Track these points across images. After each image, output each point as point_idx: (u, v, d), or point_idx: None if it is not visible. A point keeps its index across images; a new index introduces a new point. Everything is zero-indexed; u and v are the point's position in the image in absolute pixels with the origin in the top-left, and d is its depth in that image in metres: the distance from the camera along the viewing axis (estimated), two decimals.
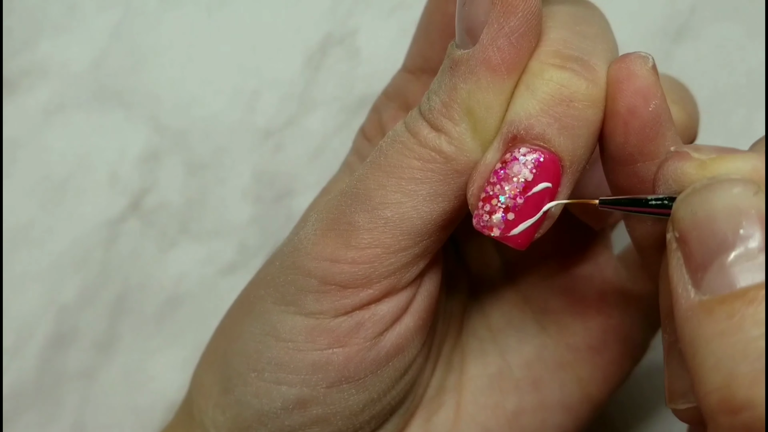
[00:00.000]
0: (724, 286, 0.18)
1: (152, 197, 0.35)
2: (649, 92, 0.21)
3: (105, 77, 0.34)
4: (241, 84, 0.35)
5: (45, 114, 0.34)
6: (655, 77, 0.21)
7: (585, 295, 0.28)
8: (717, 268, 0.19)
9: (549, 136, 0.21)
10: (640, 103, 0.21)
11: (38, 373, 0.34)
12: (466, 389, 0.27)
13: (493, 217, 0.21)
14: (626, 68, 0.21)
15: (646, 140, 0.22)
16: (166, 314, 0.35)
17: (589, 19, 0.23)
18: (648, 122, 0.21)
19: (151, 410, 0.35)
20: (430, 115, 0.22)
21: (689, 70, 0.36)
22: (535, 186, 0.21)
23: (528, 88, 0.21)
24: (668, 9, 0.36)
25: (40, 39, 0.34)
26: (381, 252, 0.22)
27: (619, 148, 0.22)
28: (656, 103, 0.21)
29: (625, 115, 0.21)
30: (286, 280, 0.23)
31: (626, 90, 0.21)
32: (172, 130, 0.35)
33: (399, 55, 0.35)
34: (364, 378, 0.24)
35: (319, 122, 0.35)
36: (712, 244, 0.19)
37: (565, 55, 0.21)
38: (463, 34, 0.22)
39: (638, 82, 0.21)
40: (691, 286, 0.19)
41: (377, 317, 0.23)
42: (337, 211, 0.23)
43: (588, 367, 0.27)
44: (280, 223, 0.35)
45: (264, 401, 0.24)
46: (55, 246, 0.34)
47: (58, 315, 0.34)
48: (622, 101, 0.21)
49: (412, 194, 0.22)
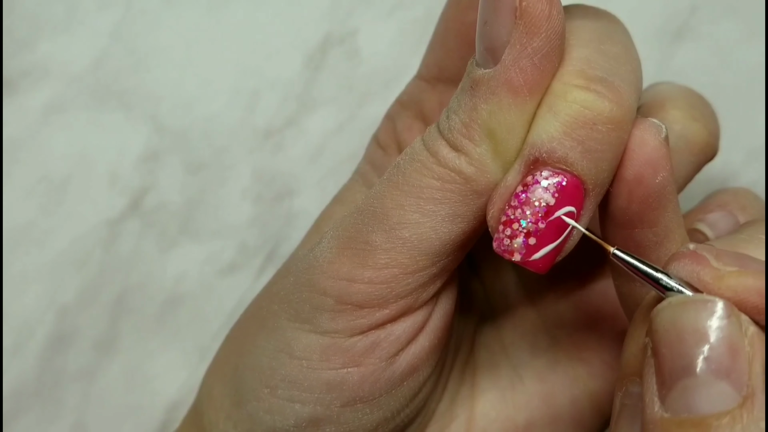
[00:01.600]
0: (683, 409, 0.18)
1: (152, 197, 0.35)
2: (659, 164, 0.21)
3: (105, 77, 0.34)
4: (241, 84, 0.35)
5: (45, 114, 0.34)
6: (666, 149, 0.21)
7: (599, 310, 0.28)
8: (680, 389, 0.19)
9: (572, 159, 0.20)
10: (648, 174, 0.21)
11: (38, 372, 0.34)
12: (478, 402, 0.27)
13: (514, 241, 0.21)
14: (639, 136, 0.21)
15: (648, 209, 0.21)
16: (166, 314, 0.35)
17: (613, 36, 0.23)
18: (653, 193, 0.21)
19: (151, 410, 0.35)
20: (449, 134, 0.21)
21: (689, 69, 0.36)
22: (557, 210, 0.21)
23: (551, 109, 0.21)
24: (668, 8, 0.36)
25: (40, 39, 0.34)
26: (398, 272, 0.22)
27: (620, 211, 0.22)
28: (664, 175, 0.21)
29: (631, 183, 0.21)
30: (300, 298, 0.23)
31: (636, 159, 0.21)
32: (172, 130, 0.35)
33: (399, 55, 0.35)
34: (379, 398, 0.23)
35: (319, 122, 0.35)
36: (678, 365, 0.19)
37: (588, 75, 0.21)
38: (484, 53, 0.21)
39: (649, 153, 0.21)
40: (657, 398, 0.19)
41: (393, 337, 0.23)
42: (354, 229, 0.22)
43: (600, 381, 0.27)
44: (280, 223, 0.35)
45: (277, 418, 0.23)
46: (55, 246, 0.34)
47: (58, 315, 0.34)
48: (630, 169, 0.21)
49: (430, 214, 0.22)
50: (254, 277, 0.35)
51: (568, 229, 0.21)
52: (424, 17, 0.35)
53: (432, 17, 0.35)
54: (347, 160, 0.35)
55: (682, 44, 0.36)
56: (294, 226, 0.35)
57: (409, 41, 0.35)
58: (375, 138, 0.28)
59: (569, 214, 0.21)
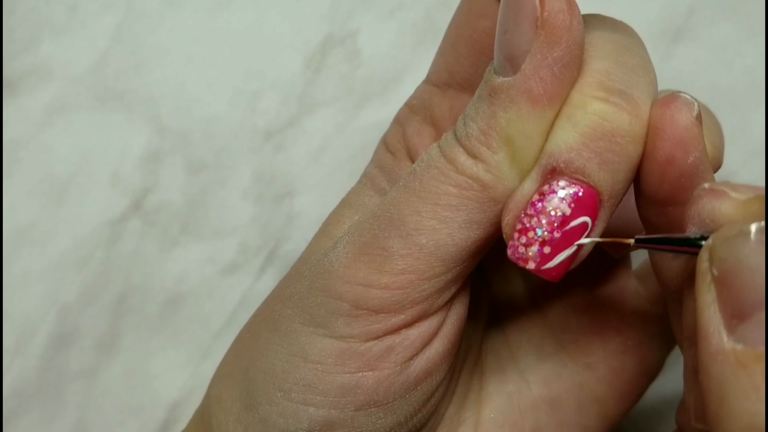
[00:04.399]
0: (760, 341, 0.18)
1: (153, 197, 0.35)
2: (691, 144, 0.21)
3: (106, 78, 0.34)
4: (241, 85, 0.35)
5: (46, 115, 0.34)
6: (698, 129, 0.21)
7: (605, 315, 0.28)
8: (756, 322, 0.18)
9: (589, 170, 0.21)
10: (680, 155, 0.21)
11: (40, 372, 0.34)
12: (485, 407, 0.27)
13: (529, 249, 0.21)
14: (670, 115, 0.21)
15: (681, 189, 0.21)
16: (167, 314, 0.35)
17: (631, 48, 0.22)
18: (685, 173, 0.21)
19: (152, 409, 0.35)
20: (467, 141, 0.21)
21: (688, 71, 0.36)
22: (573, 220, 0.21)
23: (570, 120, 0.21)
24: (667, 10, 0.36)
25: (41, 40, 0.34)
26: (415, 278, 0.22)
27: (653, 190, 0.22)
28: (696, 155, 0.21)
29: (663, 164, 0.21)
30: (315, 302, 0.23)
31: (667, 139, 0.21)
32: (173, 130, 0.35)
33: (399, 56, 0.35)
34: (393, 402, 0.23)
35: (319, 123, 0.35)
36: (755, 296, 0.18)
37: (608, 87, 0.21)
38: (503, 62, 0.21)
39: (680, 133, 0.21)
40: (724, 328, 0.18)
41: (408, 341, 0.23)
42: (370, 235, 0.23)
43: (605, 386, 0.27)
44: (281, 223, 0.35)
45: (290, 421, 0.23)
46: (56, 246, 0.34)
47: (60, 314, 0.34)
48: (661, 149, 0.21)
49: (447, 221, 0.22)
50: (255, 276, 0.35)
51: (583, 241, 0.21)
52: (424, 18, 0.35)
53: (432, 18, 0.35)
54: (347, 161, 0.35)
55: (681, 46, 0.36)
56: (294, 226, 0.36)
57: (409, 42, 0.35)
58: (384, 142, 0.28)
59: (584, 224, 0.21)
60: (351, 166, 0.35)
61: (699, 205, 0.20)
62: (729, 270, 0.19)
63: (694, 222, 0.20)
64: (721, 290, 0.19)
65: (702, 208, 0.20)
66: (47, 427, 0.35)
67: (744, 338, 0.18)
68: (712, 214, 0.20)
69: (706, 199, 0.20)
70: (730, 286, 0.19)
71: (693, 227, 0.20)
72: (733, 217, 0.19)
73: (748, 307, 0.18)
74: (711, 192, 0.20)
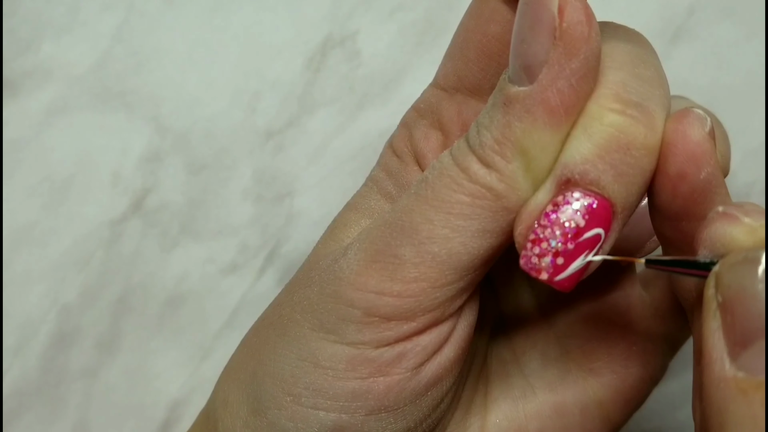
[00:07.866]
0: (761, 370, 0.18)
1: (154, 197, 0.35)
2: (703, 160, 0.21)
3: (107, 78, 0.34)
4: (242, 85, 0.35)
5: (47, 115, 0.34)
6: (710, 144, 0.21)
7: (609, 321, 0.28)
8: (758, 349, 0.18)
9: (604, 182, 0.20)
10: (692, 171, 0.21)
11: (41, 372, 0.34)
12: (491, 412, 0.27)
13: (542, 260, 0.21)
14: (682, 130, 0.21)
15: (693, 204, 0.21)
16: (167, 313, 0.35)
17: (646, 60, 0.22)
18: (698, 189, 0.21)
19: (152, 409, 0.35)
20: (480, 150, 0.21)
21: (687, 71, 0.36)
22: (586, 232, 0.21)
23: (585, 131, 0.21)
24: (666, 10, 0.36)
25: (42, 40, 0.34)
26: (427, 286, 0.22)
27: (666, 205, 0.21)
28: (708, 171, 0.21)
29: (675, 179, 0.21)
30: (326, 308, 0.23)
31: (679, 154, 0.21)
32: (173, 130, 0.35)
33: (399, 56, 0.35)
34: (403, 407, 0.23)
35: (319, 123, 0.35)
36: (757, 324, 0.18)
37: (624, 99, 0.21)
38: (519, 71, 0.21)
39: (692, 148, 0.21)
40: (727, 356, 0.18)
41: (419, 348, 0.23)
42: (382, 242, 0.22)
43: (609, 391, 0.27)
44: (281, 223, 0.35)
45: (300, 426, 0.23)
46: (57, 246, 0.35)
47: (61, 314, 0.35)
48: (673, 165, 0.21)
49: (460, 230, 0.21)
50: (255, 276, 0.36)
51: (595, 250, 0.21)
52: (424, 19, 0.35)
53: (432, 19, 0.35)
54: (347, 161, 0.35)
55: (680, 46, 0.36)
56: (294, 226, 0.36)
57: (409, 43, 0.35)
58: (390, 145, 0.27)
59: (597, 236, 0.21)
60: (351, 166, 0.35)
61: (711, 229, 0.20)
62: (733, 297, 0.19)
63: (706, 245, 0.20)
64: (725, 317, 0.19)
65: (714, 232, 0.20)
66: (47, 427, 0.35)
67: (745, 366, 0.18)
68: (723, 239, 0.19)
69: (719, 224, 0.20)
70: (733, 313, 0.18)
71: (705, 250, 0.20)
72: (743, 243, 0.19)
73: (750, 334, 0.18)
74: (723, 216, 0.20)
